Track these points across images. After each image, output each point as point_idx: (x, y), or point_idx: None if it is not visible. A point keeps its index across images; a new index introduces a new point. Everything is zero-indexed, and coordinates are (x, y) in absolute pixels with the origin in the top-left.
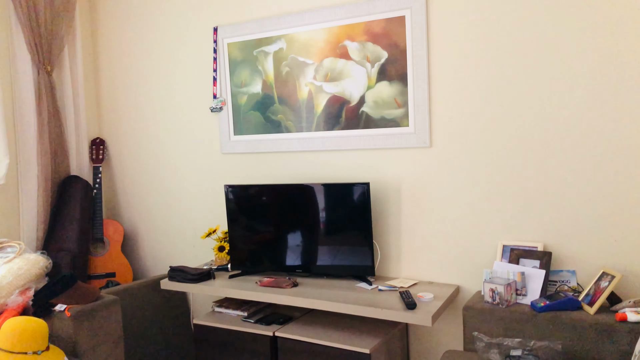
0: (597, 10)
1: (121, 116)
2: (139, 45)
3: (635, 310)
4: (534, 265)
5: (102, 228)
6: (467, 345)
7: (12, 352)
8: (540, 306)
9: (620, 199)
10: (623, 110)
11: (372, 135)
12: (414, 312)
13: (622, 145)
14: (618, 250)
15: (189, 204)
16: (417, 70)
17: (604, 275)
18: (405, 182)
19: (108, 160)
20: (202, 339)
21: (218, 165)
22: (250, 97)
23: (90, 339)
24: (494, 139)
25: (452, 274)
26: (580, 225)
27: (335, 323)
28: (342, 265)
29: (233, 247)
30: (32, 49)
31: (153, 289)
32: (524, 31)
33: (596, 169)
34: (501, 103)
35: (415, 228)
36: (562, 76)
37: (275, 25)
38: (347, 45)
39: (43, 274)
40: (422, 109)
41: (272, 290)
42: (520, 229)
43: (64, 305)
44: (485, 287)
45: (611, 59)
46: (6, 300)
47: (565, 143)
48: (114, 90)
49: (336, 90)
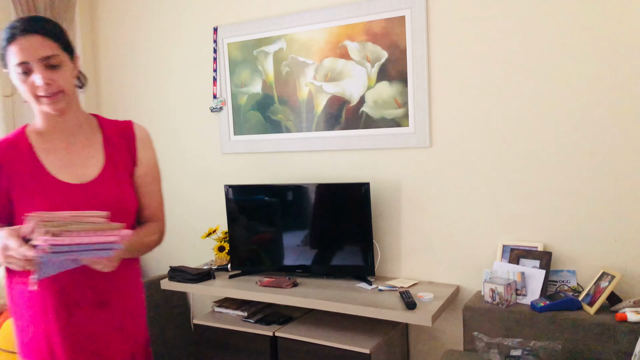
0: (597, 10)
1: (121, 116)
2: (138, 45)
3: (635, 310)
4: (534, 265)
5: None
6: (467, 345)
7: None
8: (540, 306)
9: (620, 199)
10: (623, 110)
11: (372, 135)
12: (414, 312)
13: (622, 145)
14: (618, 250)
15: (189, 204)
16: (417, 70)
17: (604, 275)
18: (405, 182)
19: None
20: (202, 339)
21: (218, 165)
22: (250, 97)
23: None
24: (494, 138)
25: (452, 274)
26: (580, 225)
27: (335, 323)
28: (342, 265)
29: (233, 247)
30: None
31: (153, 289)
32: (524, 31)
33: (596, 169)
34: (501, 103)
35: (415, 228)
36: (562, 76)
37: (275, 25)
38: (347, 45)
39: None
40: (422, 109)
41: (272, 290)
42: (520, 229)
43: None
44: (485, 287)
45: (612, 59)
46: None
47: (565, 143)
48: (114, 90)
49: (336, 90)
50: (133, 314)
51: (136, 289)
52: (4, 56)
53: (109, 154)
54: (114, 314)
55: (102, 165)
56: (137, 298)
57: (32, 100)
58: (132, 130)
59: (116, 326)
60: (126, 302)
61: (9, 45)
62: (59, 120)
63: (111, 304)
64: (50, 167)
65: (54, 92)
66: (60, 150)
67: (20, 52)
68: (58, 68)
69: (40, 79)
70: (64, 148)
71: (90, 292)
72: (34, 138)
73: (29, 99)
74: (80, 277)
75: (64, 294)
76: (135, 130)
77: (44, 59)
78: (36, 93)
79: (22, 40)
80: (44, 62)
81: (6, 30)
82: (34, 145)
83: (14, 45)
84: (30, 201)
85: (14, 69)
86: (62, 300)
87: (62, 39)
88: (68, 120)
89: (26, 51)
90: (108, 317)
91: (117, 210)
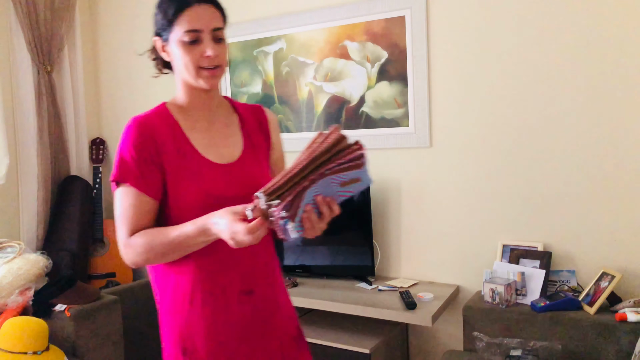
0: (597, 10)
1: (121, 116)
2: (139, 45)
3: (635, 310)
4: (534, 265)
5: (102, 228)
6: (467, 345)
7: (12, 352)
8: (540, 306)
9: (620, 199)
10: (623, 110)
11: (372, 135)
12: (414, 312)
13: (622, 145)
14: (618, 250)
15: None
16: (417, 70)
17: (604, 275)
18: (405, 182)
19: (108, 160)
20: None
21: None
22: (250, 97)
23: (90, 339)
24: (494, 138)
25: (452, 274)
26: (580, 225)
27: (335, 323)
28: (342, 265)
29: None
30: (32, 49)
31: None
32: (524, 31)
33: (596, 169)
34: (501, 103)
35: (415, 228)
36: (562, 76)
37: (275, 25)
38: (347, 45)
39: (43, 274)
40: (422, 109)
41: None
42: (520, 229)
43: (64, 305)
44: (486, 287)
45: (612, 59)
46: (6, 300)
47: (565, 142)
48: (114, 90)
49: (336, 90)
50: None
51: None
52: (170, 22)
53: (246, 135)
54: (258, 304)
55: (242, 145)
56: (282, 291)
57: (192, 71)
58: (264, 114)
59: (261, 317)
60: (271, 293)
61: (181, 12)
62: (203, 97)
63: (256, 294)
64: (197, 145)
65: (216, 66)
66: (203, 129)
67: (195, 19)
68: (222, 42)
69: (211, 50)
70: (206, 127)
71: (238, 279)
72: (178, 115)
73: (187, 69)
74: (229, 263)
75: (211, 280)
76: (267, 114)
77: (215, 30)
78: (200, 64)
79: (197, 8)
80: (213, 34)
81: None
82: (180, 122)
83: (189, 11)
84: (183, 179)
85: (181, 35)
86: (208, 287)
87: (226, 16)
88: (212, 97)
89: (201, 19)
90: (252, 306)
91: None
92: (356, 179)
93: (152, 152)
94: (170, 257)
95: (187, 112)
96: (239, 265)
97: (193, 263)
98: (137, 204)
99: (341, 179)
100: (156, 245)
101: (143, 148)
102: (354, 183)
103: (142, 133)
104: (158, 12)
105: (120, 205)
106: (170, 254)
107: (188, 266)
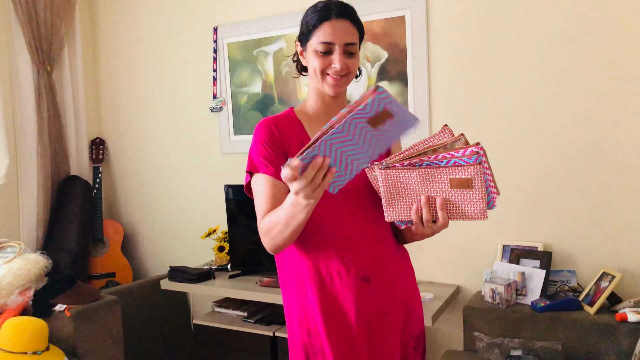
0: (597, 10)
1: (121, 116)
2: (138, 45)
3: (635, 310)
4: (534, 265)
5: (102, 228)
6: (467, 345)
7: (12, 352)
8: (540, 306)
9: (620, 199)
10: (623, 110)
11: None
12: None
13: (622, 145)
14: (618, 250)
15: (189, 204)
16: (417, 70)
17: (604, 275)
18: None
19: (108, 160)
20: (202, 339)
21: (218, 165)
22: (250, 97)
23: (90, 339)
24: (493, 138)
25: (452, 274)
26: (580, 225)
27: None
28: None
29: (233, 247)
30: (32, 49)
31: (153, 289)
32: (524, 31)
33: (596, 169)
34: (501, 103)
35: None
36: (562, 75)
37: (275, 25)
38: None
39: (43, 274)
40: (422, 109)
41: (272, 290)
42: (520, 229)
43: (64, 305)
44: (486, 287)
45: (612, 59)
46: (6, 300)
47: (565, 143)
48: (114, 90)
49: None
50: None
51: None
52: (310, 31)
53: None
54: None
55: None
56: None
57: (318, 75)
58: None
59: (380, 307)
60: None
61: (321, 24)
62: (328, 101)
63: (373, 281)
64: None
65: (342, 75)
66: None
67: (330, 32)
68: (353, 56)
69: (339, 63)
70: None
71: (353, 265)
72: (302, 118)
73: (315, 74)
74: (345, 249)
75: (326, 264)
76: None
77: (347, 45)
78: (326, 71)
79: (335, 22)
80: (345, 47)
81: (322, 9)
82: (303, 122)
83: (327, 25)
84: None
85: (316, 45)
86: (325, 270)
87: (362, 31)
88: (337, 102)
89: (336, 33)
90: (369, 294)
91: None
92: (386, 114)
93: (277, 143)
94: (285, 233)
95: (311, 117)
96: (353, 250)
97: (308, 247)
98: (267, 187)
99: (364, 114)
100: (271, 222)
101: (269, 140)
102: (387, 119)
103: (269, 127)
104: (303, 20)
105: (255, 195)
106: (284, 231)
107: (304, 249)
